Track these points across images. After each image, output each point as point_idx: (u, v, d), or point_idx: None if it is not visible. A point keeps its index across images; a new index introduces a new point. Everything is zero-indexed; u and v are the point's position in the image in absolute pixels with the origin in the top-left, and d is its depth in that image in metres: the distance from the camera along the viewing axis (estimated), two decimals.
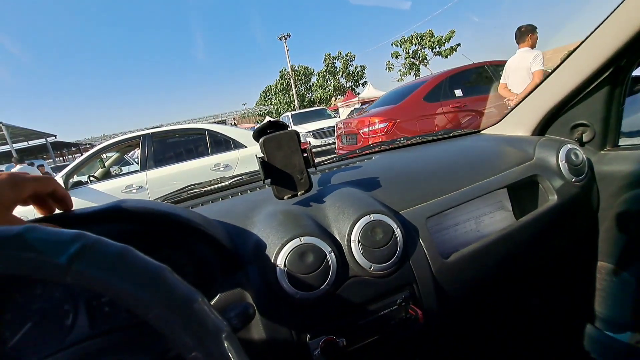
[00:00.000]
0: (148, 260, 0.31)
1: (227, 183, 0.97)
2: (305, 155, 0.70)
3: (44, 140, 21.52)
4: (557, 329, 1.07)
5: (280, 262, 0.56)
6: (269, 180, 0.69)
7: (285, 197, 0.70)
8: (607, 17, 0.81)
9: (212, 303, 0.56)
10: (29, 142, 22.53)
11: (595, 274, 1.00)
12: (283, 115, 12.26)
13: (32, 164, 9.38)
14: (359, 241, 0.60)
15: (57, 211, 0.44)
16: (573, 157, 0.88)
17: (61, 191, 0.43)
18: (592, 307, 1.02)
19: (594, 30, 0.84)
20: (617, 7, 0.79)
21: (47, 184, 0.41)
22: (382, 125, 3.88)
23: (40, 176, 0.41)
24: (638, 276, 0.92)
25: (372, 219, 0.62)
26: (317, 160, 0.76)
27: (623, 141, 0.99)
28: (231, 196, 0.89)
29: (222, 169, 3.59)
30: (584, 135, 0.98)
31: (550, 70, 0.98)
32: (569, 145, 0.89)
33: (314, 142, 8.96)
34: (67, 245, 0.28)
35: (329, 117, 10.50)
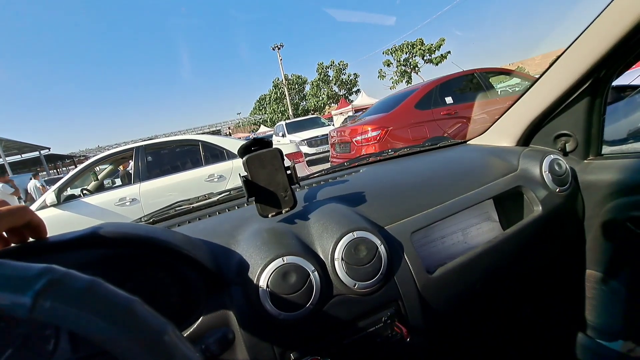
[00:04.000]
0: (117, 292, 0.31)
1: (215, 199, 0.97)
2: (289, 172, 0.70)
3: (37, 153, 21.37)
4: (549, 338, 1.07)
5: (262, 282, 0.56)
6: (254, 198, 0.69)
7: (269, 215, 0.70)
8: (584, 30, 0.83)
9: (195, 325, 0.56)
10: (23, 155, 22.36)
11: (584, 283, 1.01)
12: (277, 124, 12.28)
13: (36, 175, 9.55)
14: (342, 259, 0.60)
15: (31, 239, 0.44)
16: (556, 167, 0.89)
17: (35, 220, 0.42)
18: (583, 316, 1.02)
19: (572, 43, 0.86)
20: (594, 21, 0.81)
21: (22, 216, 0.40)
22: (374, 133, 3.91)
23: (14, 208, 0.40)
24: (627, 284, 0.93)
25: (355, 236, 0.62)
26: (309, 169, 0.77)
27: (606, 149, 1.01)
28: (218, 212, 0.88)
29: (216, 179, 3.57)
30: (567, 144, 1.00)
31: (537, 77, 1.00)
32: (552, 156, 0.90)
33: (309, 150, 8.96)
34: (33, 281, 0.28)
35: (323, 125, 10.54)
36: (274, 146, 0.71)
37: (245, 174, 0.68)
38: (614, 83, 0.94)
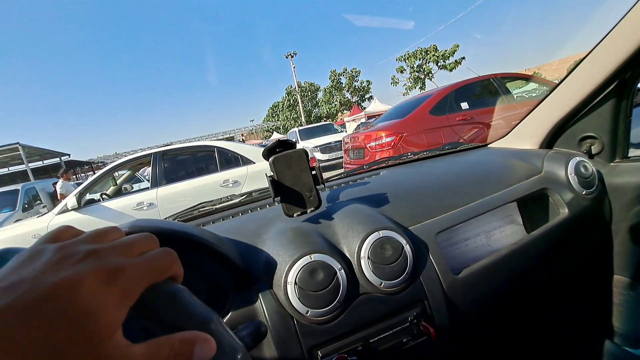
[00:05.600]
0: (167, 280, 0.32)
1: (237, 200, 0.99)
2: (314, 173, 0.71)
3: (58, 159, 22.10)
4: (575, 344, 1.04)
5: (290, 279, 0.56)
6: (279, 198, 0.70)
7: (295, 215, 0.71)
8: (609, 32, 0.82)
9: (224, 321, 0.57)
10: (44, 162, 23.13)
11: (611, 288, 0.98)
12: (290, 130, 12.36)
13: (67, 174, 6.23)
14: (368, 258, 0.61)
15: None
16: (582, 169, 0.88)
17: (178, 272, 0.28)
18: (610, 322, 0.99)
19: (597, 45, 0.85)
20: (619, 22, 0.80)
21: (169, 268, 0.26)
22: (388, 139, 3.90)
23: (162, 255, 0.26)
24: None
25: (381, 235, 0.62)
26: (325, 175, 0.78)
27: (633, 152, 0.99)
28: (241, 213, 0.90)
29: (230, 185, 3.62)
30: (592, 147, 0.98)
31: (557, 82, 0.99)
32: (577, 158, 0.89)
33: (322, 156, 8.99)
34: None
35: (335, 131, 10.55)
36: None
37: (272, 174, 0.69)
38: None
